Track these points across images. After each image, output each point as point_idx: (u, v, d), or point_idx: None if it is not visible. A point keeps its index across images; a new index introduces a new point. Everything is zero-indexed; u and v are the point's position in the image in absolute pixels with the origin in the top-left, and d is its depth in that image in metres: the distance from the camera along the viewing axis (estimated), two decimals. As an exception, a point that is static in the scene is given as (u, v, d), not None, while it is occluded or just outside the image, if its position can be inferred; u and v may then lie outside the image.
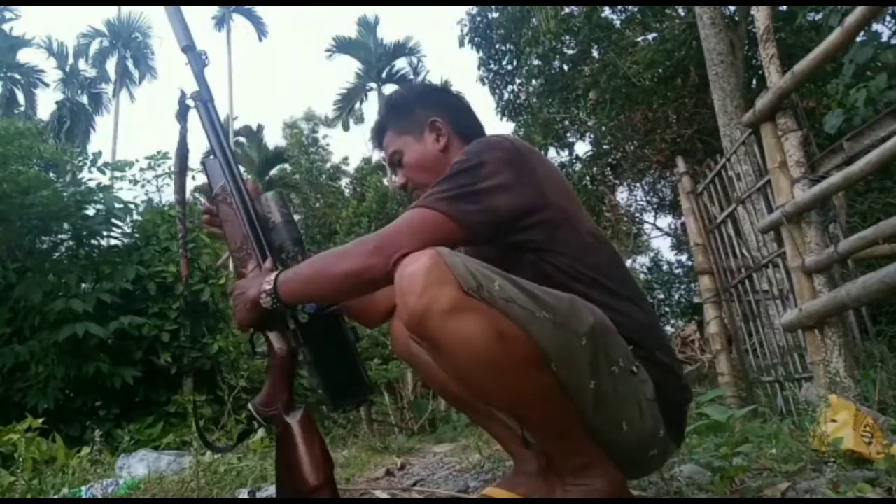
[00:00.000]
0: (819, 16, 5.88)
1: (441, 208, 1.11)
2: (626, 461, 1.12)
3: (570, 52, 10.01)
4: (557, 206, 1.19)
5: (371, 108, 26.82)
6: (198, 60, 1.38)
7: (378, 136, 1.47)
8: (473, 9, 10.72)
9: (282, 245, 1.29)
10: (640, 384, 1.12)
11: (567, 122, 10.37)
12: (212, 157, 1.36)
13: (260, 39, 29.52)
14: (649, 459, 1.17)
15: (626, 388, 1.09)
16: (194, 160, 1.56)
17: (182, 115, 1.38)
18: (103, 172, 5.74)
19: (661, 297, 14.26)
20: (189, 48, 1.38)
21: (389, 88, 24.34)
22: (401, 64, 26.29)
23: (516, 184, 1.15)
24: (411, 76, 25.88)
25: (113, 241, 5.62)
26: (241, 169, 1.39)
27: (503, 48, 10.60)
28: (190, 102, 1.37)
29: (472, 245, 1.21)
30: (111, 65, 27.43)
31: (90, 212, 5.33)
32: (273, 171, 26.10)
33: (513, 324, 1.00)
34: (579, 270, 1.17)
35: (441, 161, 1.35)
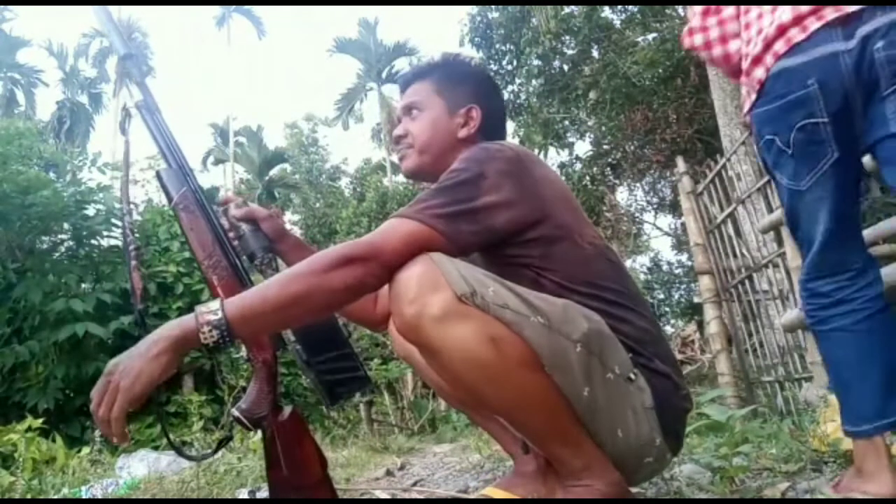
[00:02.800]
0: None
1: (437, 226, 1.05)
2: (621, 468, 1.10)
3: (570, 52, 10.02)
4: (557, 219, 1.16)
5: (371, 108, 26.82)
6: (139, 69, 1.36)
7: (413, 77, 1.40)
8: (473, 9, 10.73)
9: (252, 253, 1.27)
10: (636, 391, 1.10)
11: (567, 122, 10.38)
12: (165, 167, 1.29)
13: (259, 38, 29.52)
14: (645, 467, 1.15)
15: (621, 395, 1.08)
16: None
17: (124, 124, 1.32)
18: (103, 172, 5.76)
19: (661, 297, 14.29)
20: (128, 56, 1.33)
21: (389, 88, 24.37)
22: (401, 64, 26.25)
23: (516, 199, 1.11)
24: (411, 76, 25.85)
25: (113, 241, 5.62)
26: (241, 169, 1.38)
27: (503, 48, 10.59)
28: (133, 111, 1.30)
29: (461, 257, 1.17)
30: (111, 65, 27.45)
31: (90, 212, 5.34)
32: (273, 172, 26.11)
33: (506, 328, 0.99)
34: (578, 281, 1.15)
35: (449, 145, 1.30)
